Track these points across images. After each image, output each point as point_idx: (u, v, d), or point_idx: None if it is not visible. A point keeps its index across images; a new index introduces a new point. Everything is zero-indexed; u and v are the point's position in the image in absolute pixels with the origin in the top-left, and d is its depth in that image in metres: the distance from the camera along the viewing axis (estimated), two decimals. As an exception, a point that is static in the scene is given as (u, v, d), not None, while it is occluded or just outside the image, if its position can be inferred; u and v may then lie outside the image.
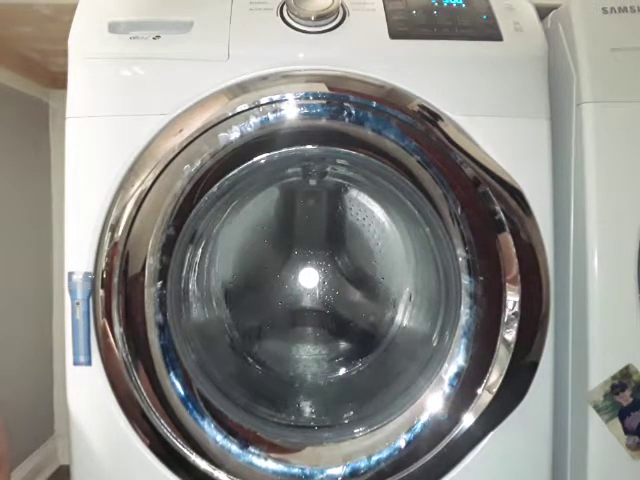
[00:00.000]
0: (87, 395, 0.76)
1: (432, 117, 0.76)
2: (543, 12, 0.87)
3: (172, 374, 0.75)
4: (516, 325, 0.75)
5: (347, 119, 0.75)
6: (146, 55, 0.76)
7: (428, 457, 0.76)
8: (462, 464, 0.77)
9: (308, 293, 1.05)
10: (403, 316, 1.01)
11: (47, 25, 0.98)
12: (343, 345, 1.06)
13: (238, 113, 0.74)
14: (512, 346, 0.75)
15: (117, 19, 0.78)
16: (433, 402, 0.77)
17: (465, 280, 0.76)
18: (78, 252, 0.75)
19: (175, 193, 0.74)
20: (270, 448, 0.77)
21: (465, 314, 0.76)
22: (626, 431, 0.78)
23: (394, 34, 0.79)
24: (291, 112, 0.74)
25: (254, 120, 0.74)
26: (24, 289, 1.27)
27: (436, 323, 0.85)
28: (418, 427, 0.76)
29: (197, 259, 0.92)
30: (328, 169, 0.96)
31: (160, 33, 0.77)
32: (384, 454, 0.76)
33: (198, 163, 0.73)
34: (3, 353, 1.16)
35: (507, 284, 0.75)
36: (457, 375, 0.76)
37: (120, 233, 0.73)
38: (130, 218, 0.73)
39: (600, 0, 0.81)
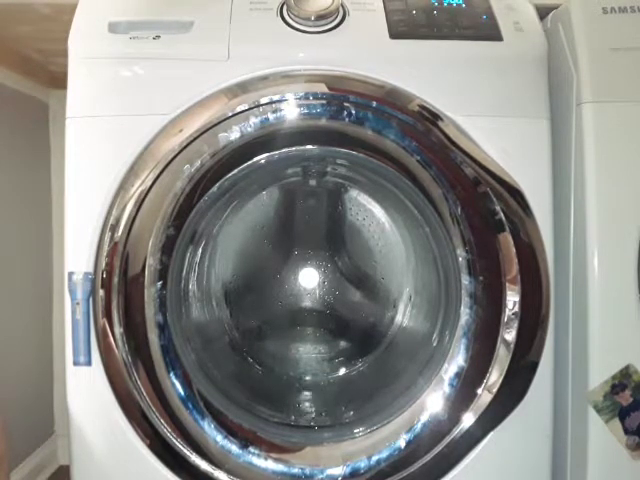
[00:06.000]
0: (87, 395, 0.76)
1: (432, 117, 0.76)
2: (543, 12, 0.87)
3: (172, 374, 0.75)
4: (516, 325, 0.75)
5: (347, 119, 0.74)
6: (146, 55, 0.76)
7: (428, 457, 0.76)
8: (462, 464, 0.77)
9: (308, 293, 1.05)
10: (403, 316, 1.01)
11: (47, 25, 0.98)
12: (343, 345, 1.06)
13: (238, 113, 0.74)
14: (512, 346, 0.75)
15: (117, 19, 0.78)
16: (433, 402, 0.77)
17: (465, 280, 0.76)
18: (78, 252, 0.75)
19: (175, 193, 0.74)
20: (270, 448, 0.77)
21: (465, 314, 0.76)
22: (626, 431, 0.78)
23: (394, 34, 0.79)
24: (291, 112, 0.74)
25: (254, 120, 0.74)
26: (24, 289, 1.27)
27: (436, 323, 0.85)
28: (418, 427, 0.76)
29: (197, 259, 0.92)
30: (328, 169, 0.96)
31: (160, 33, 0.77)
32: (384, 454, 0.76)
33: (198, 163, 0.73)
34: (3, 353, 1.15)
35: (507, 284, 0.75)
36: (457, 375, 0.76)
37: (120, 233, 0.73)
38: (130, 218, 0.73)
39: (600, 0, 0.81)
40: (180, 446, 0.75)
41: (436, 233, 0.80)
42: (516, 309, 0.75)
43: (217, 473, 0.75)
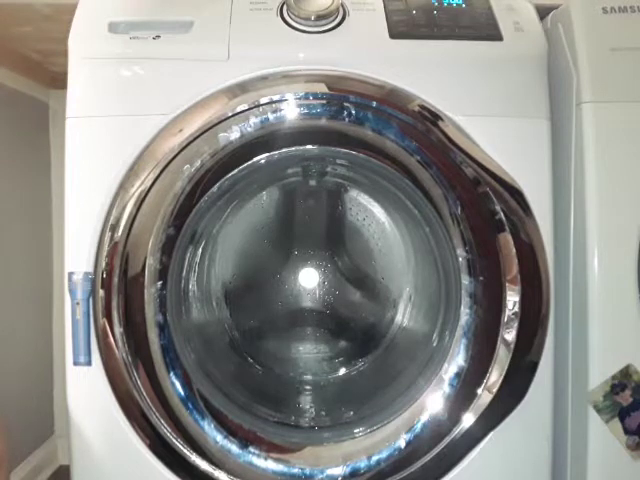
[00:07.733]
0: (87, 395, 0.76)
1: (432, 117, 0.76)
2: (543, 12, 0.87)
3: (172, 374, 0.75)
4: (516, 325, 0.75)
5: (347, 119, 0.75)
6: (146, 55, 0.76)
7: (428, 457, 0.76)
8: (462, 464, 0.77)
9: (308, 293, 1.05)
10: (403, 316, 1.01)
11: (47, 25, 0.98)
12: (343, 345, 1.06)
13: (238, 113, 0.74)
14: (512, 346, 0.75)
15: (117, 19, 0.78)
16: (433, 402, 0.77)
17: (465, 280, 0.76)
18: (78, 252, 0.75)
19: (175, 193, 0.74)
20: (270, 448, 0.77)
21: (465, 314, 0.76)
22: (626, 431, 0.78)
23: (394, 34, 0.79)
24: (291, 112, 0.74)
25: (254, 120, 0.74)
26: (24, 289, 1.27)
27: (436, 323, 0.85)
28: (418, 427, 0.76)
29: (197, 259, 0.92)
30: (328, 169, 0.96)
31: (160, 33, 0.77)
32: (384, 454, 0.76)
33: (198, 163, 0.73)
34: (3, 353, 1.15)
35: (507, 284, 0.75)
36: (457, 375, 0.76)
37: (120, 233, 0.73)
38: (130, 218, 0.73)
39: (600, 0, 0.81)
40: (180, 446, 0.75)
41: (436, 233, 0.80)
42: (516, 309, 0.75)
43: (217, 473, 0.75)
